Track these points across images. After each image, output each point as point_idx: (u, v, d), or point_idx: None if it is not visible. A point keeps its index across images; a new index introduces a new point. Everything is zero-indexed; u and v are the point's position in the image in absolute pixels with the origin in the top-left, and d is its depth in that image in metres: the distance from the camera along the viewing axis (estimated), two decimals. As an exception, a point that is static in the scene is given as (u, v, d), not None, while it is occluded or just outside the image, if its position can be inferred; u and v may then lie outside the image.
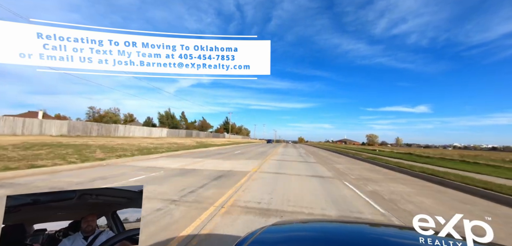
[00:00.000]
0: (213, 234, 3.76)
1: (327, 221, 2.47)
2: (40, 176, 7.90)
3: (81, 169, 9.74)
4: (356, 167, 15.56)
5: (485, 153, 45.91)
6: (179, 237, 3.59)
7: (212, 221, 4.34)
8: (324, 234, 1.48)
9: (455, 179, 9.63)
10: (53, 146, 13.49)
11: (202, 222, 4.28)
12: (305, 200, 6.13)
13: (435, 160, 20.74)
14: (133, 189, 1.26)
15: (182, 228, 3.91)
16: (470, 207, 6.43)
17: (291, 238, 1.46)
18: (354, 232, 1.55)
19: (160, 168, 10.64)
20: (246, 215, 4.79)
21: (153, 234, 3.64)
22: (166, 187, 6.99)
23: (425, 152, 36.68)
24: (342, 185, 8.62)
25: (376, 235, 1.53)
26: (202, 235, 3.71)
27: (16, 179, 7.28)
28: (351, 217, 5.09)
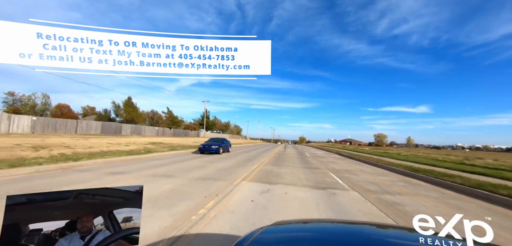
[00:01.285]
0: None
1: (327, 222, 2.45)
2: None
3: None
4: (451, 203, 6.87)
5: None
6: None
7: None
8: (324, 235, 1.47)
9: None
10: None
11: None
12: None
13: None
14: (133, 188, 1.25)
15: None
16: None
17: (291, 238, 1.45)
18: (354, 232, 1.54)
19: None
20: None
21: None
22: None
23: (450, 154, 31.50)
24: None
25: (376, 235, 1.52)
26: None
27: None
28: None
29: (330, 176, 10.94)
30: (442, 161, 19.93)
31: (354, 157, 23.32)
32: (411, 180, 10.79)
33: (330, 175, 11.25)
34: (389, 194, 7.49)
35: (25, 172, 8.27)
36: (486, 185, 8.20)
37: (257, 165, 13.43)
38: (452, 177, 10.14)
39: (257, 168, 12.24)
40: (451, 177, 9.99)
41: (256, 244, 1.20)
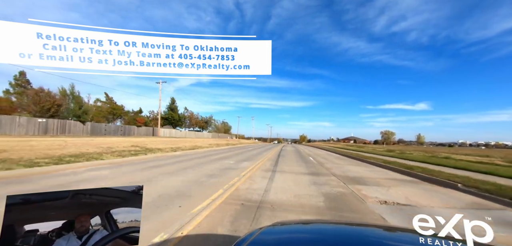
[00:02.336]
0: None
1: (327, 222, 2.45)
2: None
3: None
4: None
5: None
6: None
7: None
8: (324, 236, 1.46)
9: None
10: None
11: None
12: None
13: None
14: (132, 188, 1.25)
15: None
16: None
17: (290, 239, 1.45)
18: (353, 233, 1.53)
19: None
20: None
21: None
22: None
23: (488, 154, 24.44)
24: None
25: (376, 236, 1.51)
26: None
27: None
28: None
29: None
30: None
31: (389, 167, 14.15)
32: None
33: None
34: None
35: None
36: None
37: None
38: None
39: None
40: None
41: (256, 244, 1.20)
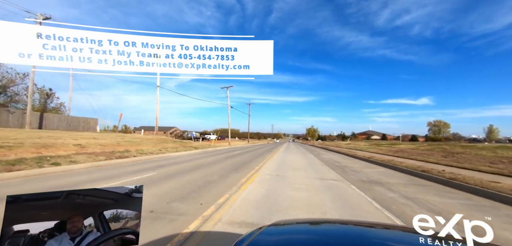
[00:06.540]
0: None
1: (327, 222, 2.43)
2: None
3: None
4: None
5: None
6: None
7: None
8: (324, 236, 1.45)
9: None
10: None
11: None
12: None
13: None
14: (132, 188, 1.24)
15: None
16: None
17: (290, 239, 1.43)
18: (353, 233, 1.52)
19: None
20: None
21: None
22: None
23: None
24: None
25: (376, 236, 1.50)
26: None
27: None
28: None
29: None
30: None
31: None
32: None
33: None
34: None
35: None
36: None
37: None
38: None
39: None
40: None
41: (256, 244, 1.19)
